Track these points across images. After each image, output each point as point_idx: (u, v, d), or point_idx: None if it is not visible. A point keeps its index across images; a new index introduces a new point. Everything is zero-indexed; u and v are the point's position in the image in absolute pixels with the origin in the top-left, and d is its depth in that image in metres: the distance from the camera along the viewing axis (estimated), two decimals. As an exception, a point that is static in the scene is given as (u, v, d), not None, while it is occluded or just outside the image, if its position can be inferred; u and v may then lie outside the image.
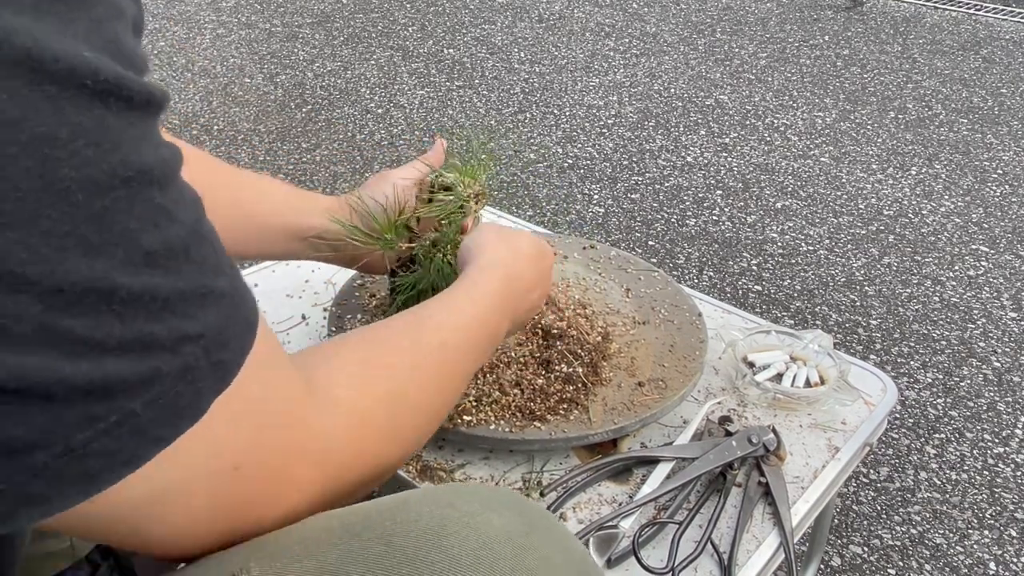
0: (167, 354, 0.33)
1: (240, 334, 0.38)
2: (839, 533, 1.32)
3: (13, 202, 0.28)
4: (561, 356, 0.85)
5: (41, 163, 0.28)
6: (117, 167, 0.31)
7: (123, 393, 0.32)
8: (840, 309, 1.89)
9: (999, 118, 2.96)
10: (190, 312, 0.34)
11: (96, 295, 0.30)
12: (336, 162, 2.52)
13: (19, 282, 0.28)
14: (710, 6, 4.19)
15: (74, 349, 0.30)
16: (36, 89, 0.28)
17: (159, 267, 0.33)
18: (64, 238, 0.29)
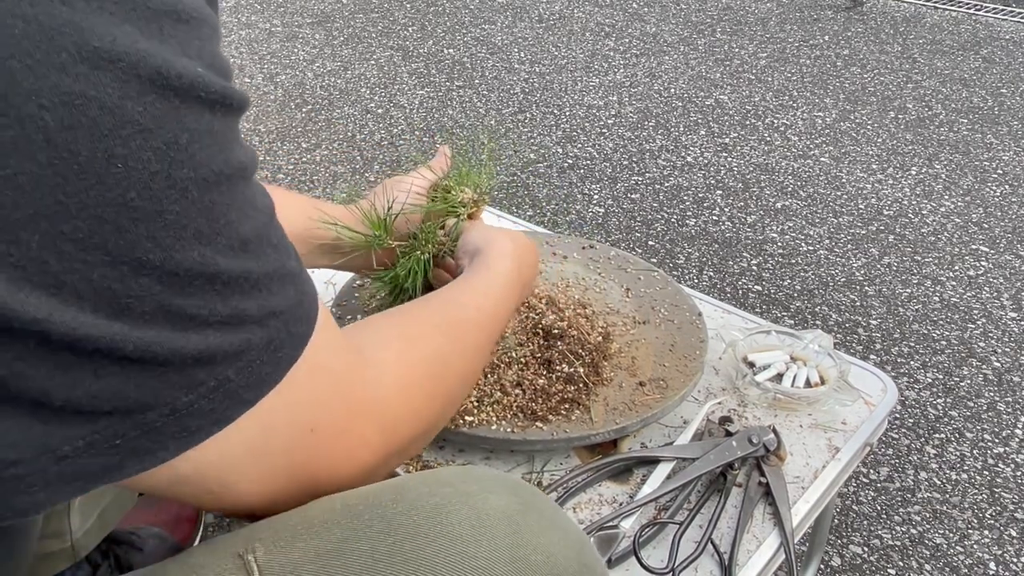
0: (256, 327, 0.38)
1: (310, 307, 0.43)
2: (839, 533, 1.32)
3: (144, 200, 0.32)
4: (562, 356, 0.85)
5: (168, 165, 0.33)
6: (222, 166, 0.35)
7: (221, 362, 0.37)
8: (840, 309, 1.89)
9: (999, 118, 2.96)
10: (274, 290, 0.39)
11: (204, 278, 0.35)
12: (336, 162, 2.52)
13: (145, 267, 0.33)
14: (710, 6, 4.19)
15: (184, 324, 0.35)
16: (164, 101, 0.32)
17: (251, 252, 0.38)
18: (181, 229, 0.34)
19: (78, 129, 0.30)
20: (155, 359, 0.34)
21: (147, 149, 0.32)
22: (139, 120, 0.31)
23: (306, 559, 0.42)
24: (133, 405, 0.34)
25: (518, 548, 0.44)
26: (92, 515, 0.85)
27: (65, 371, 0.32)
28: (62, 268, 0.31)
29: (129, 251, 0.32)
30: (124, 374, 0.33)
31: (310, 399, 0.43)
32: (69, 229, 0.30)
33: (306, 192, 2.34)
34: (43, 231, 0.30)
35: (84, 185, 0.30)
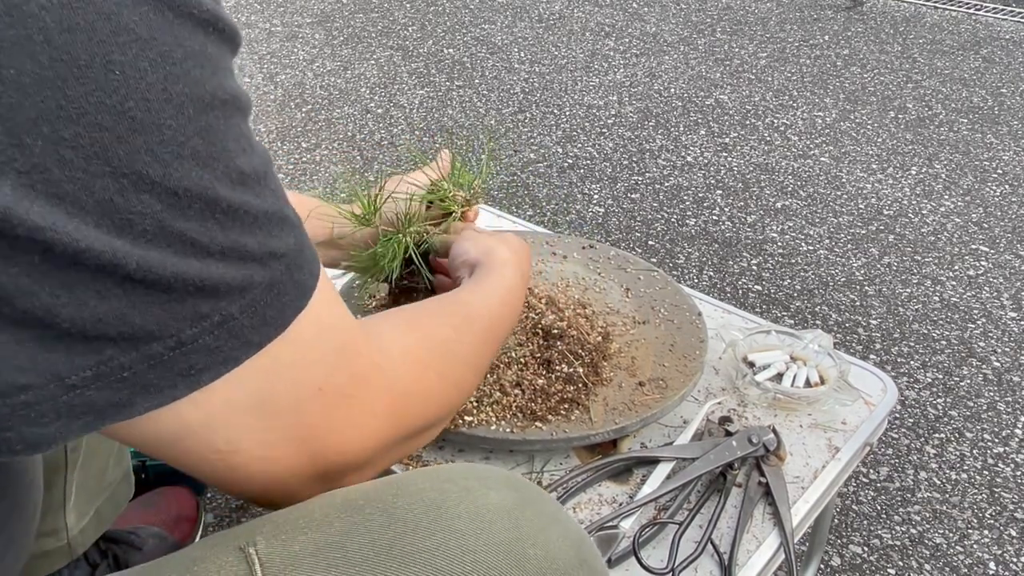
0: (258, 265, 0.38)
1: (311, 260, 0.43)
2: (839, 533, 1.32)
3: (143, 111, 0.32)
4: (562, 356, 0.85)
5: (164, 78, 0.33)
6: (216, 89, 0.36)
7: (225, 295, 0.37)
8: (840, 309, 1.89)
9: (999, 118, 2.96)
10: (274, 232, 0.39)
11: (203, 202, 0.35)
12: (336, 162, 2.52)
13: (144, 181, 0.33)
14: (710, 6, 4.19)
15: (185, 249, 0.35)
16: (159, 14, 0.33)
17: (249, 187, 0.38)
18: (180, 146, 0.34)
19: (77, 32, 0.30)
20: (157, 282, 0.34)
21: (143, 59, 0.32)
22: (134, 29, 0.32)
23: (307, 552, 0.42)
24: (138, 332, 0.35)
25: (517, 543, 0.45)
26: (88, 513, 0.85)
27: (70, 289, 0.32)
28: (64, 176, 0.31)
29: (129, 163, 0.32)
30: (127, 297, 0.34)
31: (316, 357, 0.43)
32: (70, 135, 0.31)
33: (306, 192, 2.34)
34: (45, 136, 0.30)
35: (84, 90, 0.31)
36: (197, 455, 0.42)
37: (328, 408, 0.45)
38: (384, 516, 0.44)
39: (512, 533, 0.45)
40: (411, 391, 0.51)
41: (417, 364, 0.53)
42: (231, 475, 0.43)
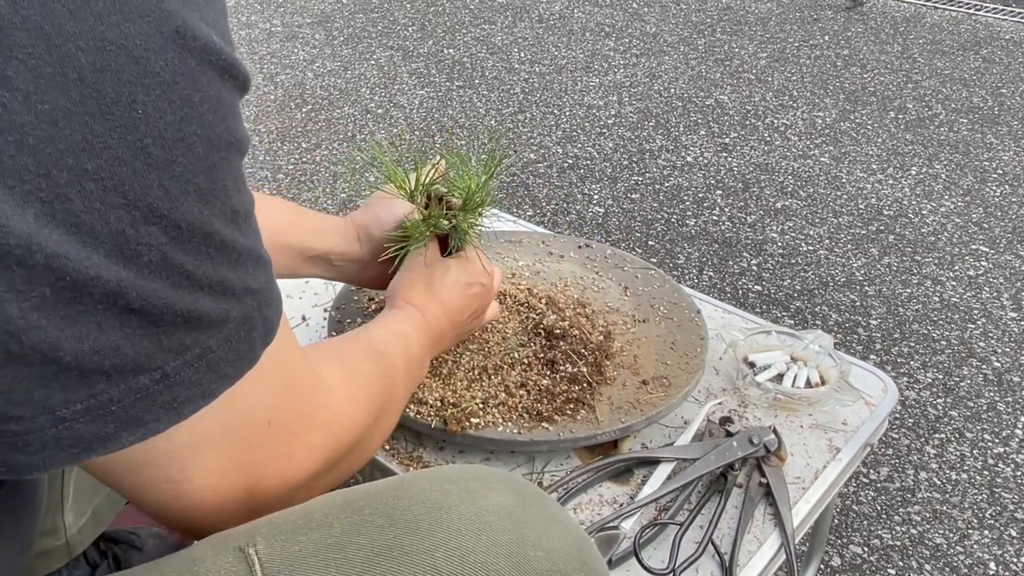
0: (235, 301, 0.40)
1: (278, 299, 0.45)
2: (839, 533, 1.32)
3: (159, 148, 0.34)
4: (565, 356, 0.85)
5: (180, 119, 0.35)
6: (224, 132, 0.38)
7: (206, 328, 0.38)
8: (840, 309, 1.89)
9: (999, 118, 2.96)
10: (251, 269, 0.41)
11: (201, 236, 0.37)
12: (336, 162, 2.52)
13: (154, 214, 0.35)
14: (710, 6, 4.19)
15: (181, 282, 0.37)
16: (182, 60, 0.35)
17: (238, 225, 0.40)
18: (187, 183, 0.36)
19: (108, 72, 0.32)
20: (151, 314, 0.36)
21: (164, 100, 0.34)
22: (159, 72, 0.34)
23: (307, 552, 0.42)
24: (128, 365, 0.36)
25: (518, 544, 0.45)
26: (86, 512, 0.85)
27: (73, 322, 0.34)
28: (83, 207, 0.33)
29: (142, 196, 0.34)
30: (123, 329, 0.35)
31: (273, 392, 0.45)
32: (93, 167, 0.33)
33: (306, 192, 2.34)
34: (70, 167, 0.32)
35: (109, 125, 0.33)
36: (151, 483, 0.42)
37: (274, 442, 0.46)
38: (384, 517, 0.44)
39: (513, 535, 0.45)
40: (345, 426, 0.53)
41: (353, 400, 0.55)
42: (176, 503, 0.44)
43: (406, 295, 0.76)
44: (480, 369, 0.83)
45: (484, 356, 0.85)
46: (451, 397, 0.81)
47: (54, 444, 0.35)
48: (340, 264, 0.84)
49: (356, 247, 0.84)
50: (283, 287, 1.07)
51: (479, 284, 0.80)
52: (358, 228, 0.84)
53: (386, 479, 0.49)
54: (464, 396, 0.81)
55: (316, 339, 0.97)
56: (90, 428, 0.36)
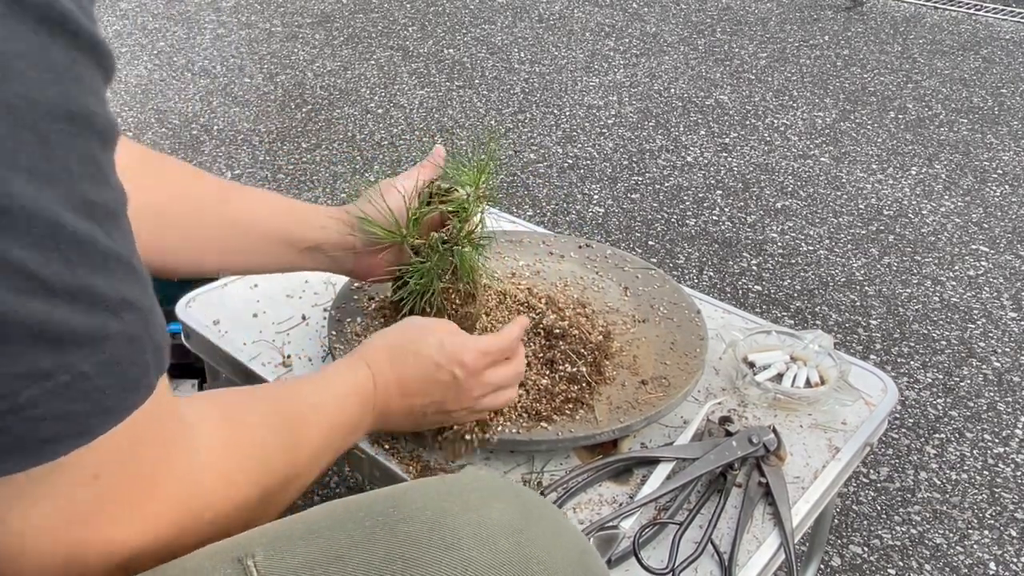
0: (111, 316, 0.33)
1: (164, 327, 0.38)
2: (839, 533, 1.32)
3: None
4: (564, 356, 0.85)
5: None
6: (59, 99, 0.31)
7: (73, 347, 0.32)
8: (840, 309, 1.89)
9: (999, 118, 2.96)
10: (127, 279, 0.34)
11: (43, 225, 0.30)
12: (336, 162, 2.52)
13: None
14: (710, 6, 4.19)
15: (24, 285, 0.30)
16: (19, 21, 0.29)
17: (98, 221, 0.33)
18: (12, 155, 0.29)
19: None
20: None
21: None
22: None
23: (306, 564, 0.42)
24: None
25: (520, 558, 0.44)
26: None
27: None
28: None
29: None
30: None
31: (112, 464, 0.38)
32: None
33: (306, 192, 2.34)
34: None
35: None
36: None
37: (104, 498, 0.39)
38: (385, 529, 0.43)
39: (515, 549, 0.44)
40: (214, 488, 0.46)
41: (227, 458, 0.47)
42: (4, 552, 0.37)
43: (370, 350, 0.68)
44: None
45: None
46: None
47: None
48: (335, 254, 0.82)
49: (350, 237, 0.82)
50: (283, 286, 1.07)
51: (450, 372, 0.68)
52: (351, 219, 0.83)
53: (387, 488, 0.48)
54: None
55: (315, 338, 0.97)
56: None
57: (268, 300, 1.03)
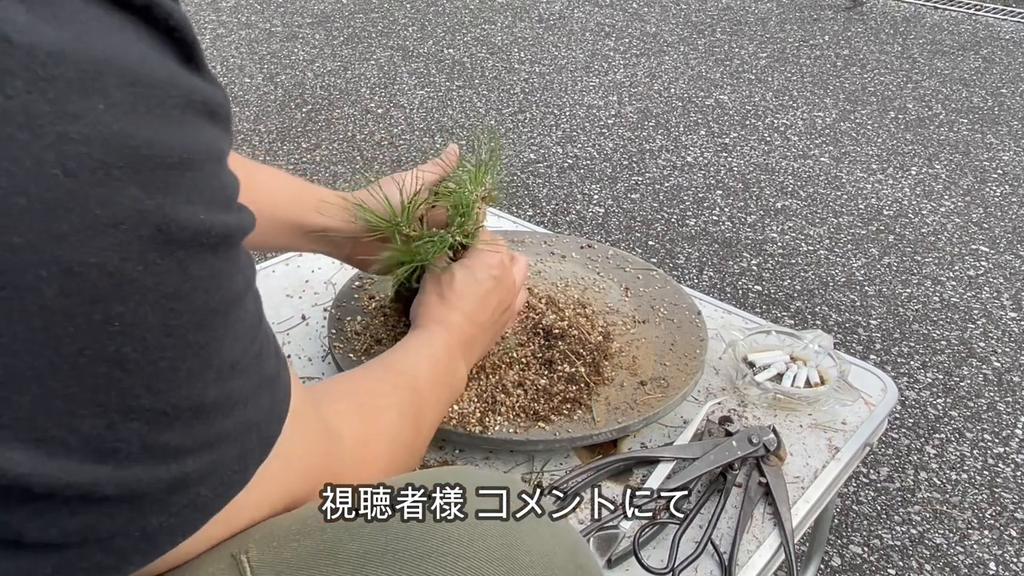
0: (232, 443, 0.38)
1: (283, 405, 0.42)
2: (839, 533, 1.32)
3: (139, 353, 0.31)
4: (563, 356, 0.85)
5: (166, 317, 0.32)
6: (219, 303, 0.35)
7: (195, 483, 0.36)
8: (840, 309, 1.89)
9: (999, 118, 2.96)
10: (252, 402, 0.38)
11: (191, 412, 0.34)
12: (336, 162, 2.52)
13: (134, 412, 0.32)
14: (710, 6, 4.19)
15: (166, 457, 0.34)
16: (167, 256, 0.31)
17: (239, 371, 0.37)
18: (174, 372, 0.33)
19: (75, 296, 0.29)
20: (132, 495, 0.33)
21: (145, 304, 0.31)
22: (139, 279, 0.31)
23: (298, 559, 0.42)
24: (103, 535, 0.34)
25: (510, 548, 0.44)
26: None
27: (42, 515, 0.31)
28: (51, 424, 0.30)
29: (120, 401, 0.32)
30: (99, 510, 0.33)
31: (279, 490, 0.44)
32: (60, 387, 0.30)
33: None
34: (34, 392, 0.29)
35: (79, 347, 0.30)
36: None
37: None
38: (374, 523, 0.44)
39: (506, 539, 0.45)
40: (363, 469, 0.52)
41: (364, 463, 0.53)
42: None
43: (425, 314, 0.76)
44: (477, 368, 0.83)
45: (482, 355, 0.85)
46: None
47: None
48: (335, 239, 0.85)
49: (352, 223, 0.84)
50: (283, 285, 1.07)
51: (490, 278, 0.78)
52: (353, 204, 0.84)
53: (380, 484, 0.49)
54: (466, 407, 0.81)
55: (315, 338, 0.97)
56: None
57: (268, 300, 1.03)
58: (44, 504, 0.31)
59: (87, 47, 0.29)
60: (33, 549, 0.32)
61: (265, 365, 0.40)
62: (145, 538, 0.35)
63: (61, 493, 0.31)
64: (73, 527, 0.32)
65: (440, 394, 0.69)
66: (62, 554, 0.33)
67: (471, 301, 0.76)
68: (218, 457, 0.37)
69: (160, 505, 0.35)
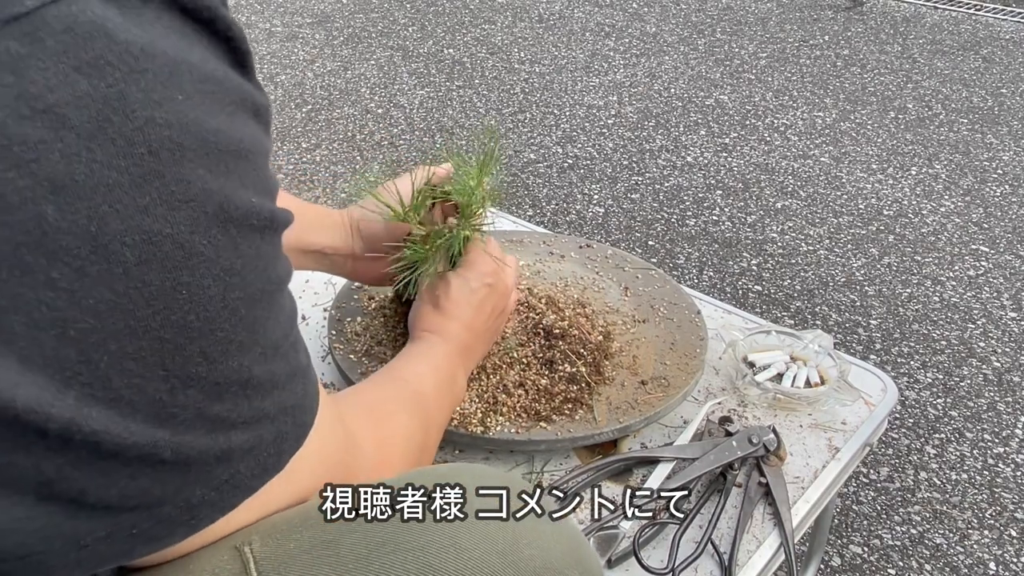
0: (270, 423, 0.41)
1: (314, 399, 0.45)
2: (839, 533, 1.32)
3: (201, 320, 0.35)
4: (564, 356, 0.85)
5: (224, 289, 0.36)
6: (265, 283, 0.39)
7: (237, 458, 0.39)
8: (840, 309, 1.89)
9: (999, 118, 2.96)
10: (289, 387, 0.42)
11: (239, 385, 0.38)
12: (336, 162, 2.52)
13: (192, 379, 0.36)
14: (710, 6, 4.19)
15: (215, 427, 0.38)
16: (226, 233, 0.36)
17: (279, 355, 0.41)
18: (228, 344, 0.37)
19: (152, 262, 0.33)
20: (184, 461, 0.37)
21: (208, 276, 0.35)
22: (203, 252, 0.35)
23: (301, 550, 0.43)
24: (154, 501, 0.37)
25: (512, 542, 0.45)
26: None
27: (106, 475, 0.35)
28: (123, 384, 0.34)
29: (182, 366, 0.35)
30: (154, 475, 0.36)
31: (308, 483, 0.46)
32: (133, 349, 0.33)
33: (306, 192, 2.34)
34: (111, 352, 0.33)
35: (152, 311, 0.33)
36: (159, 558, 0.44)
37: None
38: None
39: (507, 533, 0.45)
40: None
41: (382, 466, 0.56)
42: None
43: (422, 324, 0.77)
44: (478, 368, 0.83)
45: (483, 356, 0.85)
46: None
47: (75, 564, 0.37)
48: (334, 258, 0.85)
49: (350, 242, 0.84)
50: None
51: (484, 286, 0.79)
52: (353, 223, 0.85)
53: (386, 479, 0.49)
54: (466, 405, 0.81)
55: (315, 338, 0.97)
56: (109, 548, 0.37)
57: (268, 300, 1.03)
58: (109, 464, 0.34)
59: (167, 47, 0.33)
60: (92, 510, 0.35)
61: (300, 356, 0.44)
62: (189, 509, 0.38)
63: (124, 454, 0.34)
64: (131, 490, 0.36)
65: (443, 400, 0.70)
66: (116, 518, 0.36)
67: (467, 310, 0.77)
68: (258, 436, 0.40)
69: (205, 476, 0.38)
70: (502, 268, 0.82)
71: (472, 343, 0.78)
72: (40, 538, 0.35)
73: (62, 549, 0.36)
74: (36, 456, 0.33)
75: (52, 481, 0.33)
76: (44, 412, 0.32)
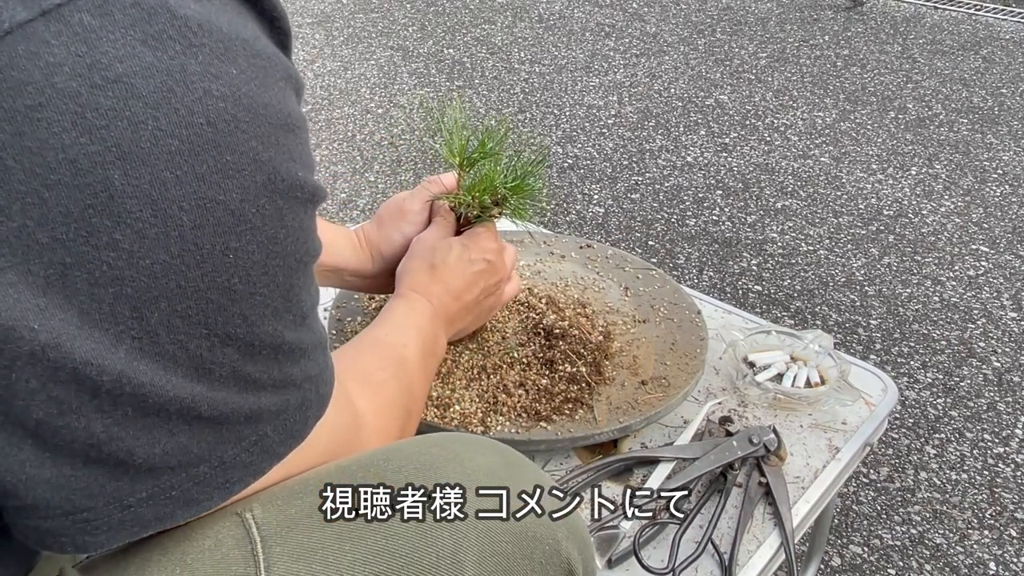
0: (295, 389, 0.43)
1: (332, 369, 0.48)
2: (839, 533, 1.32)
3: (244, 284, 0.37)
4: (564, 356, 0.85)
5: (266, 256, 0.38)
6: (303, 254, 0.41)
7: (266, 420, 0.42)
8: (840, 309, 1.89)
9: (999, 118, 2.96)
10: (313, 356, 0.44)
11: (271, 348, 0.40)
12: (336, 162, 2.52)
13: (230, 339, 0.38)
14: (710, 6, 4.19)
15: (247, 387, 0.40)
16: (272, 203, 0.38)
17: (307, 325, 0.43)
18: (264, 307, 0.39)
19: (206, 227, 0.35)
20: (218, 418, 0.39)
21: (253, 243, 0.37)
22: (251, 219, 0.37)
23: (301, 515, 0.45)
24: (192, 459, 0.39)
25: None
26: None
27: (150, 431, 0.37)
28: (169, 340, 0.36)
29: (223, 326, 0.37)
30: (191, 432, 0.38)
31: (320, 452, 0.49)
32: (182, 308, 0.36)
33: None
34: (161, 309, 0.35)
35: (201, 272, 0.36)
36: None
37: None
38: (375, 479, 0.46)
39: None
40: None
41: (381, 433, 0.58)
42: None
43: (411, 282, 0.77)
44: (479, 368, 0.83)
45: (483, 355, 0.85)
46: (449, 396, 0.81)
47: (119, 525, 0.38)
48: (351, 279, 0.85)
49: (368, 265, 0.84)
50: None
51: (483, 260, 0.79)
52: (370, 245, 0.85)
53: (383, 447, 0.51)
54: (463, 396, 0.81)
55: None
56: (151, 511, 0.39)
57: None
58: (151, 420, 0.36)
59: (222, 24, 0.35)
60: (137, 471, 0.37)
61: (323, 330, 0.46)
62: (224, 470, 0.41)
63: (167, 408, 0.36)
64: (171, 447, 0.38)
65: (427, 362, 0.71)
66: (158, 480, 0.38)
67: (460, 279, 0.77)
68: (285, 400, 0.42)
69: (236, 436, 0.40)
70: (504, 248, 0.82)
71: (457, 315, 0.78)
72: (85, 495, 0.37)
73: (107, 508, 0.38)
74: (87, 417, 0.35)
75: (101, 443, 0.35)
76: (99, 364, 0.34)
